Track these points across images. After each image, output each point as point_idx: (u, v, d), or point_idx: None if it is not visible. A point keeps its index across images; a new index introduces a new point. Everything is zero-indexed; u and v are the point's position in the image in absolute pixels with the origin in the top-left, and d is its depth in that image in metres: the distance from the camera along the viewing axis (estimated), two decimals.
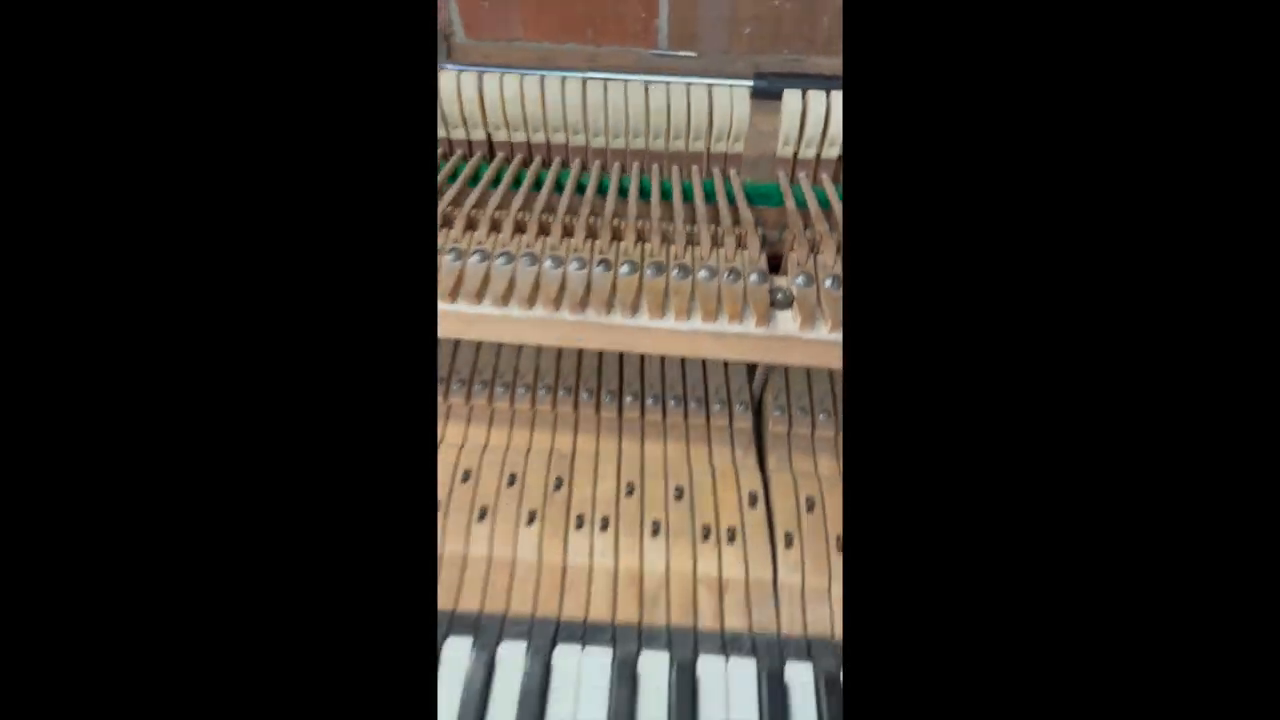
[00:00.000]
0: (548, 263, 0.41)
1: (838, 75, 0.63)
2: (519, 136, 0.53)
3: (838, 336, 0.38)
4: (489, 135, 0.54)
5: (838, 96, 0.49)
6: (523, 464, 0.46)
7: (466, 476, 0.45)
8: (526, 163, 0.52)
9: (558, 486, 0.45)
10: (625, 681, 0.37)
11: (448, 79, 0.52)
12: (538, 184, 0.49)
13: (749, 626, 0.40)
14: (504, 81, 0.51)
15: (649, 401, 0.48)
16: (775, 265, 0.44)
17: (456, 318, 0.40)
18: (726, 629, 0.40)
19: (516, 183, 0.49)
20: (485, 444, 0.48)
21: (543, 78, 0.51)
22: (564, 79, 0.51)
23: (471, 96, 0.51)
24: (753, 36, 0.87)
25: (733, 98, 0.49)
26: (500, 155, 0.53)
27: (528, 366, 0.50)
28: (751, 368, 0.50)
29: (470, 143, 0.54)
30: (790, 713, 0.36)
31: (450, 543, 0.43)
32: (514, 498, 0.44)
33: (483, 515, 0.44)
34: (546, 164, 0.52)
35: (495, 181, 0.49)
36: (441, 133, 0.53)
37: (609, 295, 0.40)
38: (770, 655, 0.38)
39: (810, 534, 0.43)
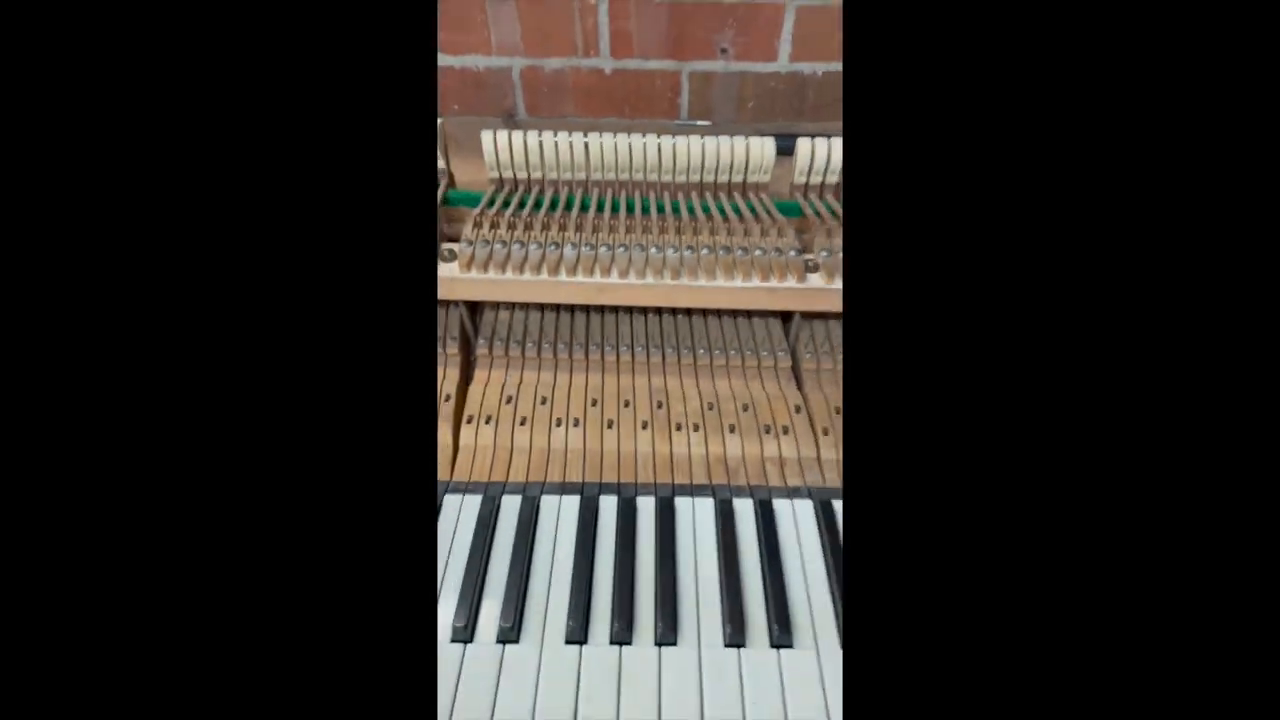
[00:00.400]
0: (653, 249, 0.61)
1: (820, 133, 0.86)
2: (595, 177, 0.72)
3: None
4: (558, 178, 0.72)
5: (836, 142, 0.70)
6: (633, 395, 0.65)
7: (595, 402, 0.64)
8: (617, 193, 0.73)
9: (659, 406, 0.64)
10: (725, 517, 0.55)
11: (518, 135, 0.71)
12: (630, 208, 0.70)
13: (805, 483, 0.58)
14: (602, 139, 0.72)
15: (716, 352, 0.68)
16: (803, 251, 0.64)
17: (597, 289, 0.60)
18: (789, 484, 0.58)
19: (599, 207, 0.69)
20: (601, 385, 0.67)
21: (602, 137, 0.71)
22: (615, 137, 0.70)
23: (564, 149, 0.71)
24: (755, 109, 1.12)
25: (764, 145, 0.71)
26: (587, 190, 0.74)
27: (640, 330, 0.70)
28: (786, 325, 0.70)
29: (545, 181, 0.71)
30: (837, 528, 0.54)
31: (617, 441, 0.61)
32: (630, 415, 0.63)
33: (610, 425, 0.62)
34: (630, 195, 0.73)
35: (599, 207, 0.69)
36: (524, 174, 0.73)
37: (695, 268, 0.60)
38: (822, 497, 0.56)
39: (840, 428, 0.62)
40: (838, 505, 0.56)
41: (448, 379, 0.65)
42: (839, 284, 0.59)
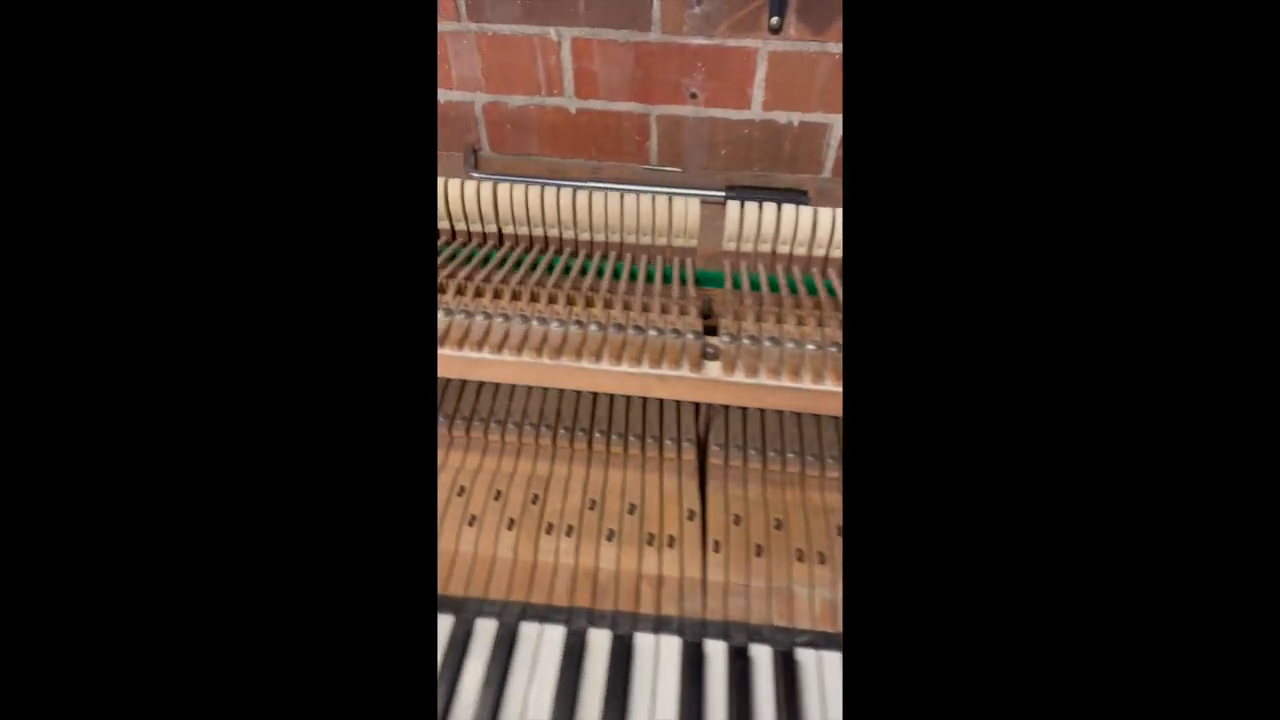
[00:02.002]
0: (534, 321, 0.54)
1: (796, 188, 0.79)
2: (523, 230, 0.67)
3: (750, 380, 0.50)
4: (499, 229, 0.68)
5: (770, 207, 0.62)
6: (507, 484, 0.57)
7: (461, 491, 0.56)
8: (527, 249, 0.66)
9: (534, 500, 0.55)
10: (574, 650, 0.46)
11: (471, 185, 0.67)
12: (534, 266, 0.63)
13: (679, 612, 0.49)
14: (513, 190, 0.66)
15: (613, 437, 0.60)
16: (713, 330, 0.56)
17: (463, 362, 0.52)
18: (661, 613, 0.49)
19: (518, 264, 0.62)
20: (479, 468, 0.59)
21: (543, 188, 0.66)
22: (558, 189, 0.65)
23: (488, 199, 0.66)
24: (728, 156, 1.05)
25: (687, 206, 0.63)
26: (507, 244, 0.67)
27: (517, 407, 0.62)
28: (697, 411, 0.61)
29: (485, 234, 0.69)
30: (705, 682, 0.44)
31: (444, 541, 0.53)
32: (497, 509, 0.55)
33: (471, 521, 0.54)
34: (542, 250, 0.66)
35: (501, 263, 0.62)
36: (462, 226, 0.68)
37: (580, 346, 0.52)
38: (692, 633, 0.47)
39: (735, 543, 0.52)
40: (710, 648, 0.46)
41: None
42: (740, 376, 0.50)
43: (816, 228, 0.61)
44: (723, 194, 0.73)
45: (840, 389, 0.47)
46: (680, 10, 0.88)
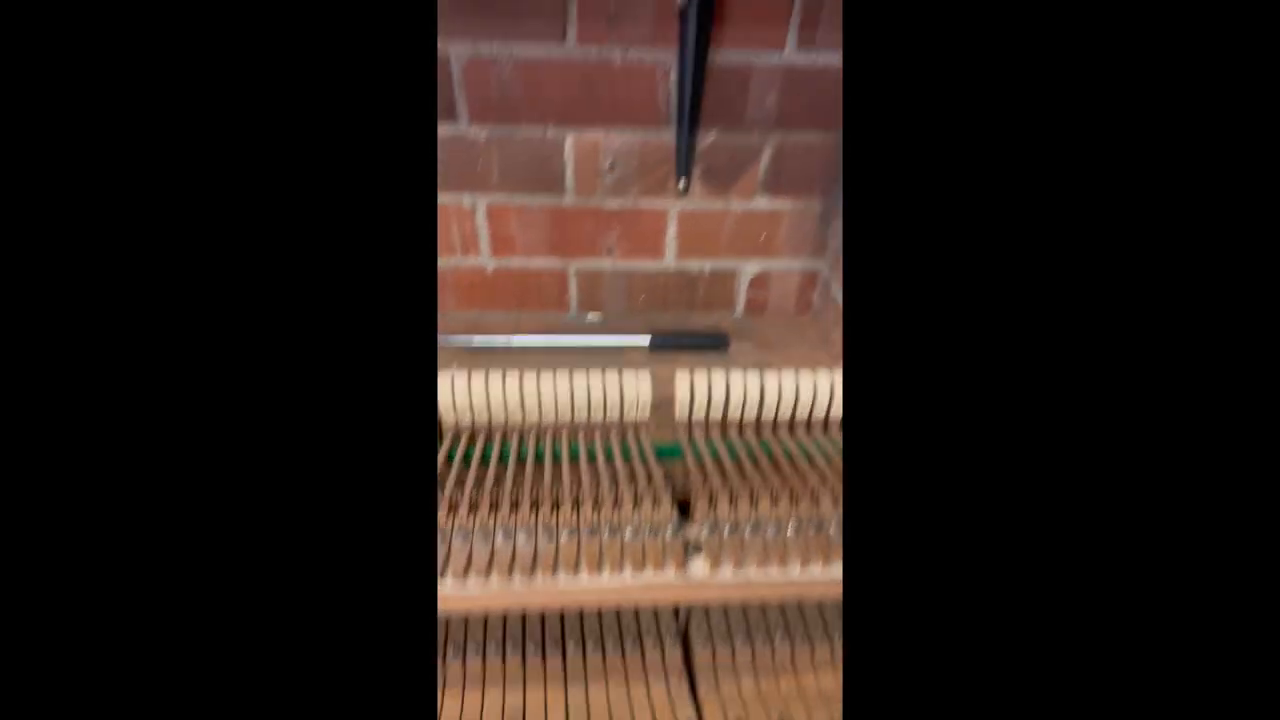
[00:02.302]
0: (499, 536, 0.49)
1: (713, 331, 0.81)
2: (464, 419, 0.63)
3: (740, 576, 0.48)
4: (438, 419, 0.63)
5: (719, 374, 0.63)
6: None
7: None
8: (471, 440, 0.62)
9: None
10: None
11: None
12: (485, 458, 0.58)
13: None
14: (454, 378, 0.62)
15: (589, 646, 0.54)
16: (686, 507, 0.54)
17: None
18: None
19: (465, 459, 0.58)
20: (440, 708, 0.51)
21: (486, 374, 0.63)
22: (503, 373, 0.63)
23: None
24: (646, 301, 1.07)
25: (638, 379, 0.63)
26: (447, 437, 0.62)
27: (476, 627, 0.55)
28: (676, 607, 0.58)
29: None
30: None
31: None
32: None
33: None
34: (488, 439, 0.62)
35: (448, 460, 0.58)
36: None
37: (554, 560, 0.48)
38: None
39: None
40: None
41: None
42: (727, 573, 0.48)
43: (764, 393, 0.62)
44: (645, 339, 0.75)
45: (830, 572, 0.46)
46: (593, 177, 0.92)
